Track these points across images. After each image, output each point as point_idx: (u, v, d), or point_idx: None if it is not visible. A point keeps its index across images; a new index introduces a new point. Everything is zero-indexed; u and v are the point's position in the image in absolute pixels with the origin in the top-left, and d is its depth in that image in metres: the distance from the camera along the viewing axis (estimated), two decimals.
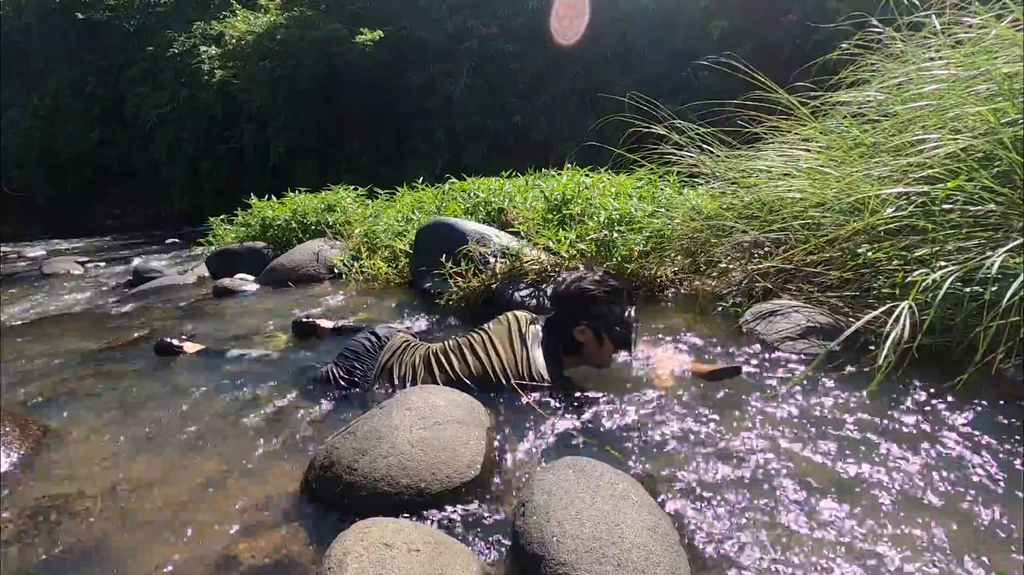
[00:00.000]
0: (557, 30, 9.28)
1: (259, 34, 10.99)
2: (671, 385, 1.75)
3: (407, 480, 1.26)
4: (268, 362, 2.25)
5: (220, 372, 2.16)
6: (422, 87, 10.10)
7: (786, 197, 2.34)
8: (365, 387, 1.87)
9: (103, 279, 5.38)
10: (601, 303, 1.77)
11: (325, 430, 1.63)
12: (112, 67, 13.79)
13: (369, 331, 2.01)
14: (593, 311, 1.77)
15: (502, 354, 1.78)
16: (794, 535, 1.10)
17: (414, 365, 1.85)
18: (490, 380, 1.73)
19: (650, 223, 2.82)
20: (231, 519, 1.26)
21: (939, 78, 2.01)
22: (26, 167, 14.24)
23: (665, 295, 2.65)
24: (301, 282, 3.83)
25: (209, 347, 2.46)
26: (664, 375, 1.81)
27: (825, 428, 1.45)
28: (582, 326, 1.76)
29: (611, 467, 1.20)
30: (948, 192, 1.70)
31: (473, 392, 1.67)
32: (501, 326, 1.88)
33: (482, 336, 1.86)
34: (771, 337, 1.97)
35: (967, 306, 1.59)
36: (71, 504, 1.36)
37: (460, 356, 1.81)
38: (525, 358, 1.75)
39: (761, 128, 2.85)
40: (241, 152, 11.72)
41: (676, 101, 5.13)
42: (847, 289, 2.08)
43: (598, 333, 1.77)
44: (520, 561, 1.04)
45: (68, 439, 1.70)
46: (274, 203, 5.18)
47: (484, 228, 3.03)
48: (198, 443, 1.62)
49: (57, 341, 2.88)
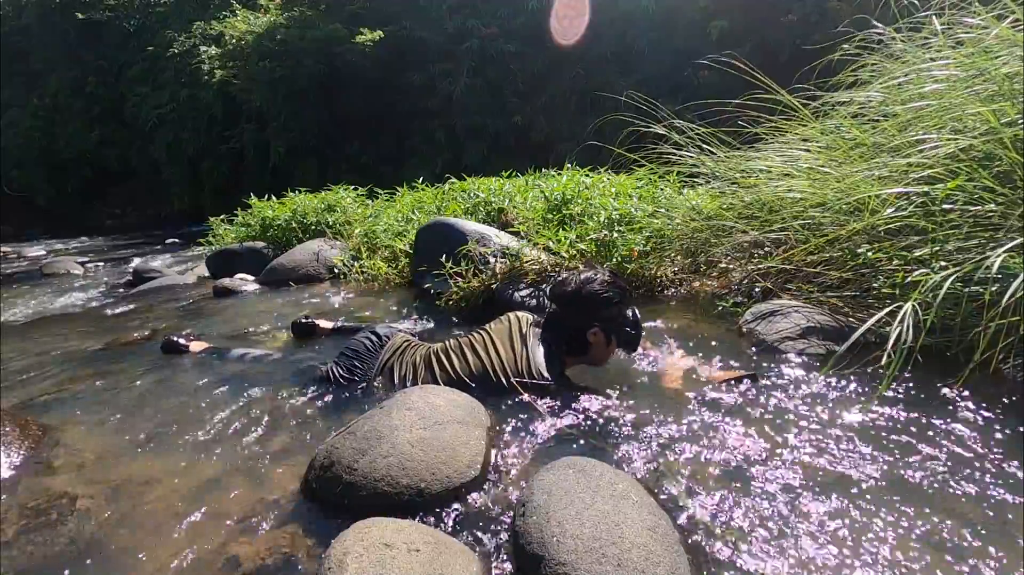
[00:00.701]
0: (557, 30, 9.28)
1: (259, 34, 11.01)
2: (680, 388, 1.74)
3: (407, 480, 1.25)
4: (268, 362, 2.24)
5: (220, 372, 2.16)
6: (422, 87, 10.11)
7: (786, 197, 2.34)
8: (366, 386, 1.87)
9: (103, 279, 5.38)
10: (613, 305, 1.78)
11: (325, 430, 1.63)
12: (112, 67, 13.81)
13: (369, 331, 2.01)
14: (605, 313, 1.78)
15: (502, 353, 1.78)
16: (794, 535, 1.10)
17: (415, 364, 1.85)
18: (491, 379, 1.73)
19: (650, 223, 2.82)
20: (231, 519, 1.26)
21: (939, 78, 2.01)
22: (26, 167, 14.26)
23: (665, 295, 2.65)
24: (301, 282, 3.84)
25: (213, 346, 2.46)
26: (675, 378, 1.81)
27: (826, 428, 1.45)
28: (595, 328, 1.77)
29: (611, 467, 1.20)
30: (948, 192, 1.70)
31: (474, 392, 1.67)
32: (502, 326, 1.88)
33: (483, 336, 1.86)
34: (771, 337, 1.97)
35: (967, 306, 1.59)
36: (71, 504, 1.36)
37: (461, 355, 1.81)
38: (525, 357, 1.75)
39: (761, 128, 2.85)
40: (241, 152, 11.73)
41: (676, 101, 5.14)
42: (847, 289, 2.08)
43: (608, 334, 1.79)
44: (520, 561, 1.04)
45: (68, 439, 1.70)
46: (274, 203, 5.18)
47: (484, 228, 3.03)
48: (198, 443, 1.62)
49: (57, 341, 2.88)
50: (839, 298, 2.08)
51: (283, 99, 10.68)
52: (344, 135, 11.02)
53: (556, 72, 9.57)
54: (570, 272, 1.89)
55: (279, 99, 10.69)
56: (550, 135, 9.36)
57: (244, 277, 4.10)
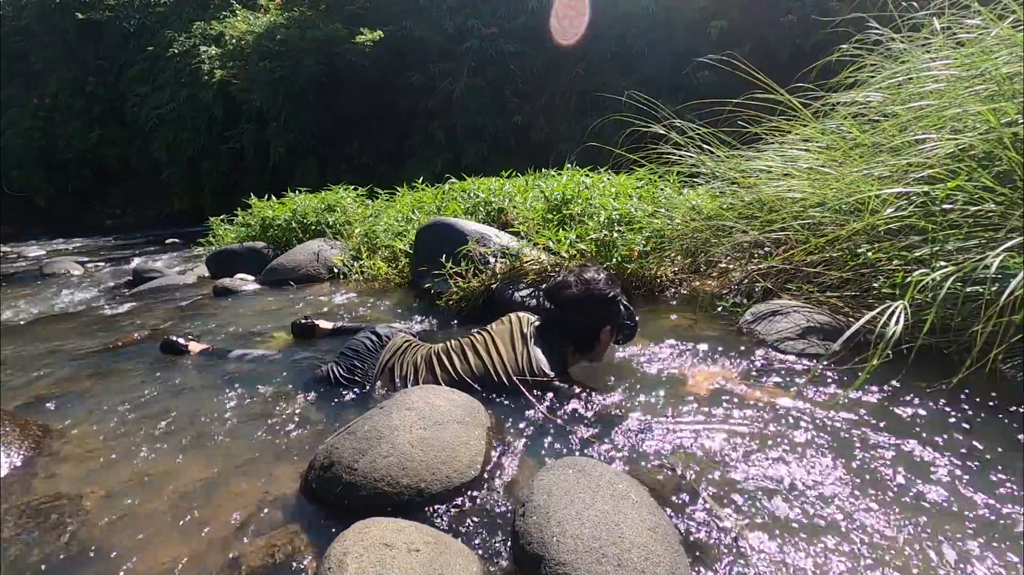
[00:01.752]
0: (557, 30, 9.28)
1: (259, 34, 11.01)
2: (695, 391, 1.73)
3: (407, 480, 1.25)
4: (267, 362, 2.24)
5: (220, 372, 2.16)
6: (422, 87, 10.10)
7: (786, 197, 2.34)
8: (366, 386, 1.87)
9: (103, 279, 5.38)
10: (617, 303, 1.83)
11: (325, 430, 1.63)
12: (112, 67, 13.81)
13: (370, 331, 2.01)
14: (612, 311, 1.82)
15: (503, 353, 1.78)
16: (794, 534, 1.10)
17: (415, 364, 1.85)
18: (492, 379, 1.73)
19: (650, 223, 2.82)
20: (231, 519, 1.26)
21: (939, 78, 2.01)
22: (26, 167, 14.25)
23: (665, 295, 2.65)
24: (301, 282, 3.84)
25: (213, 346, 2.46)
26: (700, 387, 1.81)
27: (826, 428, 1.45)
28: (607, 326, 1.82)
29: (611, 467, 1.20)
30: (948, 192, 1.70)
31: (475, 391, 1.67)
32: (503, 326, 1.89)
33: (484, 336, 1.87)
34: (771, 337, 1.97)
35: (966, 306, 1.59)
36: (71, 504, 1.36)
37: (462, 356, 1.82)
38: (526, 356, 1.75)
39: (761, 128, 2.85)
40: (241, 152, 11.72)
41: (676, 101, 5.13)
42: (847, 289, 2.08)
43: (613, 330, 1.84)
44: (520, 561, 1.04)
45: (68, 439, 1.70)
46: (274, 203, 5.19)
47: (484, 228, 3.03)
48: (198, 443, 1.62)
49: (57, 341, 2.88)
50: (839, 298, 2.08)
51: (283, 99, 10.68)
52: (344, 135, 11.01)
53: (556, 72, 9.57)
54: (566, 273, 1.90)
55: (279, 99, 10.69)
56: (550, 135, 9.35)
57: (244, 277, 4.10)
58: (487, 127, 9.76)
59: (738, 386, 1.70)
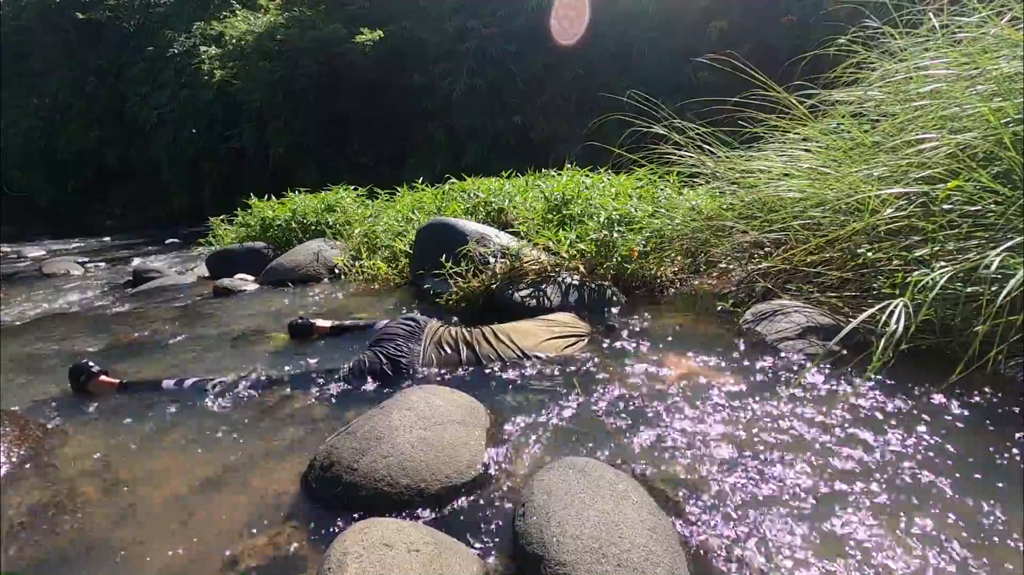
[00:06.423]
0: (557, 30, 9.27)
1: (259, 34, 11.00)
2: (681, 387, 1.73)
3: (407, 480, 1.26)
4: (268, 362, 2.24)
5: (218, 373, 2.16)
6: (422, 87, 10.09)
7: (786, 197, 2.34)
8: (410, 370, 1.93)
9: (103, 279, 5.38)
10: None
11: (325, 430, 1.63)
12: (112, 67, 13.79)
13: (404, 318, 2.12)
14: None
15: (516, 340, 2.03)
16: (794, 534, 1.10)
17: (454, 339, 2.02)
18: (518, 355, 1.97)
19: (650, 223, 2.82)
20: (231, 519, 1.26)
21: (938, 77, 2.01)
22: (26, 167, 14.23)
23: (665, 295, 2.65)
24: (301, 282, 3.83)
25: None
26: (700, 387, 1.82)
27: (825, 427, 1.45)
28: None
29: (611, 467, 1.20)
30: (948, 192, 1.70)
31: (475, 392, 1.68)
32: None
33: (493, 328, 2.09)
34: (771, 337, 1.97)
35: (966, 306, 1.59)
36: (71, 503, 1.36)
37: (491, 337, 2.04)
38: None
39: (761, 128, 2.85)
40: (241, 152, 11.71)
41: (676, 101, 5.13)
42: (847, 289, 2.08)
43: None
44: (520, 561, 1.04)
45: (68, 439, 1.70)
46: (274, 203, 5.18)
47: (484, 228, 3.03)
48: (198, 443, 1.62)
49: (57, 341, 2.87)
50: (839, 298, 2.08)
51: (283, 99, 10.67)
52: (344, 135, 11.00)
53: (556, 72, 9.56)
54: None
55: (279, 99, 10.68)
56: (550, 135, 9.34)
57: (244, 277, 4.10)
58: (487, 127, 9.75)
59: (738, 386, 1.70)
